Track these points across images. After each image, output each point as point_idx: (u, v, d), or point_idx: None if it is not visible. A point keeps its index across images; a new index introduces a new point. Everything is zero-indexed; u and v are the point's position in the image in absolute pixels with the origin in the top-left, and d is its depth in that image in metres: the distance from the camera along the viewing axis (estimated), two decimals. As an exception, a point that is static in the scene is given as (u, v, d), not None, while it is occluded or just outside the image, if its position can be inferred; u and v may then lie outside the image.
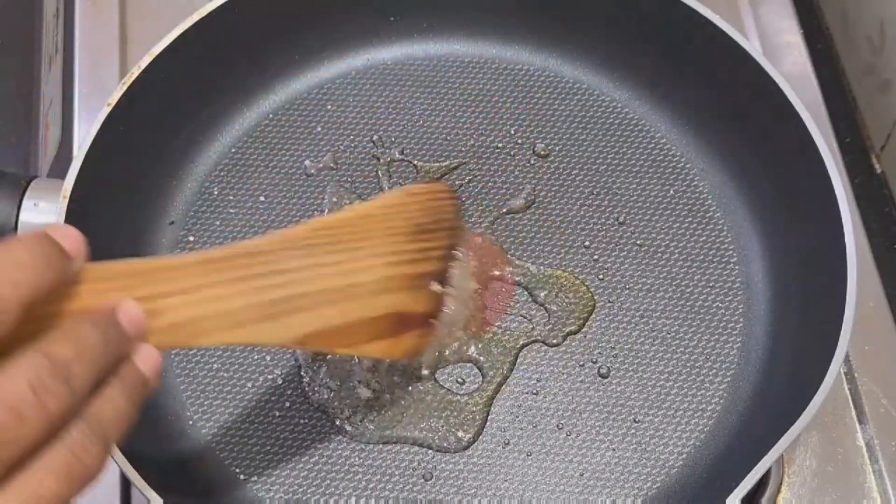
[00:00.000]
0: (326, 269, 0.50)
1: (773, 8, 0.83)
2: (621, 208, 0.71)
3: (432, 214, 0.57)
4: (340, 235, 0.52)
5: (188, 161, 0.72)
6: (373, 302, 0.51)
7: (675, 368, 0.66)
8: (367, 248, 0.52)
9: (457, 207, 0.61)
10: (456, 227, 0.60)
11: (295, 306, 0.48)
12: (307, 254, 0.49)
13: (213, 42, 0.70)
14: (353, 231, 0.52)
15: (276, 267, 0.48)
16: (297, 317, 0.48)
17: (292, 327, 0.48)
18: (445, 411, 0.64)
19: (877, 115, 0.85)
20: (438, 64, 0.77)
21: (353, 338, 0.51)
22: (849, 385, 0.69)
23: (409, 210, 0.55)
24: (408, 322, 0.55)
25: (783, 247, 0.68)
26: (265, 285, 0.47)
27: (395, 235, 0.53)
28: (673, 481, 0.63)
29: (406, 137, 0.74)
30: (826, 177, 0.63)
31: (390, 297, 0.52)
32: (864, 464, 0.66)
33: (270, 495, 0.62)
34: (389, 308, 0.52)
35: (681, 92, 0.73)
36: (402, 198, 0.56)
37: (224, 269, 0.45)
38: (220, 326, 0.45)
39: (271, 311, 0.47)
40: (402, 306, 0.53)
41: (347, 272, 0.50)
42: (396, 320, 0.54)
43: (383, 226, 0.53)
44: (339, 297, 0.50)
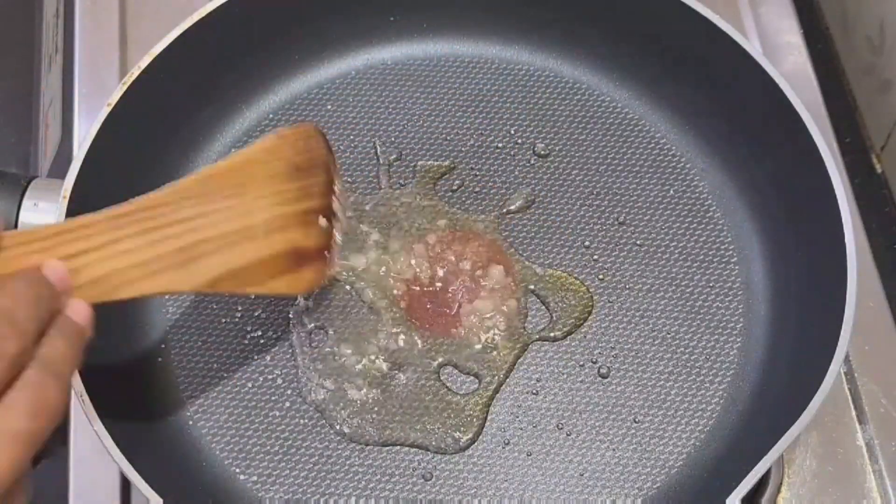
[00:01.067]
0: (221, 215, 0.53)
1: (773, 8, 0.83)
2: (621, 208, 0.71)
3: (305, 153, 0.60)
4: (227, 181, 0.55)
5: (188, 161, 0.72)
6: (268, 241, 0.55)
7: (675, 368, 0.66)
8: (253, 192, 0.55)
9: (327, 144, 0.63)
10: (329, 162, 0.63)
11: (199, 252, 0.52)
12: (201, 202, 0.53)
13: (213, 42, 0.70)
14: (238, 176, 0.56)
15: (176, 217, 0.51)
16: (203, 262, 0.52)
17: (201, 272, 0.51)
18: (444, 413, 0.64)
19: (877, 115, 0.85)
20: (438, 64, 0.77)
21: (257, 276, 0.55)
22: (849, 385, 0.69)
23: (283, 151, 0.58)
24: (304, 256, 0.58)
25: (783, 247, 0.68)
26: (169, 235, 0.51)
27: (276, 176, 0.56)
28: (673, 481, 0.63)
29: (406, 137, 0.74)
30: (826, 177, 0.63)
31: (283, 235, 0.56)
32: (864, 464, 0.66)
33: (270, 495, 0.62)
34: (285, 244, 0.56)
35: (681, 92, 0.73)
36: (274, 141, 0.59)
37: (130, 223, 0.50)
38: (136, 277, 0.49)
39: (179, 259, 0.51)
40: (295, 242, 0.57)
41: (240, 215, 0.54)
42: (293, 256, 0.57)
43: (264, 169, 0.56)
44: (237, 238, 0.54)
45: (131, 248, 0.49)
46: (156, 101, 0.68)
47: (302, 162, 0.59)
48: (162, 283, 0.50)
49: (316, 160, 0.60)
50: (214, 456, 0.63)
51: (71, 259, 0.47)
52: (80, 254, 0.47)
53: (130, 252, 0.49)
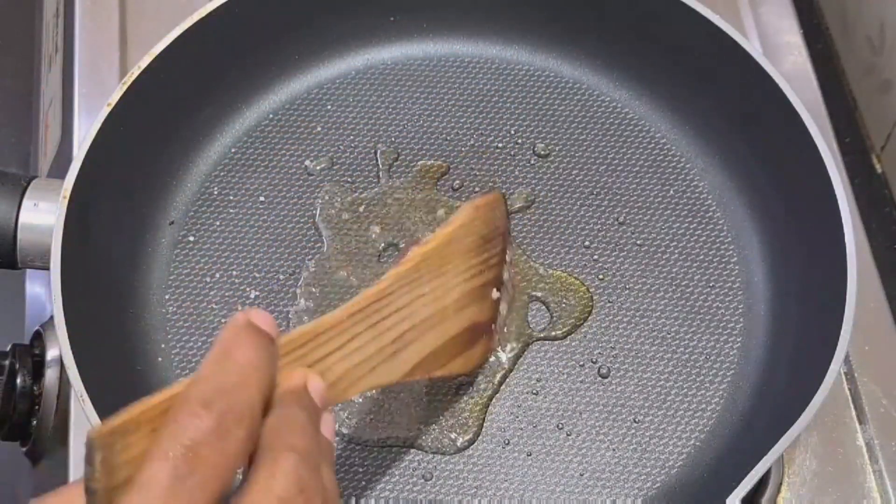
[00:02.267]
0: (426, 298, 0.51)
1: (773, 8, 0.83)
2: (621, 208, 0.71)
3: (492, 223, 0.58)
4: (433, 262, 0.53)
5: (188, 161, 0.72)
6: (456, 319, 0.53)
7: (675, 368, 0.66)
8: (451, 270, 0.53)
9: (506, 210, 0.62)
10: (506, 232, 0.62)
11: (406, 340, 0.50)
12: (413, 287, 0.51)
13: (213, 42, 0.70)
14: (442, 256, 0.54)
15: (395, 306, 0.49)
16: (407, 350, 0.50)
17: (405, 361, 0.50)
18: (443, 414, 0.64)
19: (877, 115, 0.85)
20: (438, 64, 0.77)
21: (443, 358, 0.53)
22: (849, 385, 0.69)
23: (476, 225, 0.57)
24: (477, 332, 0.56)
25: (783, 247, 0.68)
26: (389, 326, 0.49)
27: (469, 251, 0.55)
28: (673, 481, 0.63)
29: (406, 137, 0.74)
30: (826, 177, 0.63)
31: (467, 311, 0.54)
32: (864, 464, 0.66)
33: (270, 495, 0.62)
34: (466, 322, 0.54)
35: (681, 92, 0.73)
36: (471, 214, 0.57)
37: (364, 318, 0.47)
38: (360, 375, 0.47)
39: (391, 350, 0.49)
40: (473, 318, 0.55)
41: (438, 297, 0.52)
42: (470, 332, 0.55)
43: (460, 245, 0.55)
44: (435, 321, 0.52)
45: (361, 346, 0.47)
46: (156, 101, 0.68)
47: (489, 233, 0.57)
48: (376, 378, 0.48)
49: (498, 229, 0.59)
50: (214, 456, 0.63)
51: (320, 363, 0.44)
52: (326, 356, 0.45)
53: (360, 349, 0.47)
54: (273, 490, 0.39)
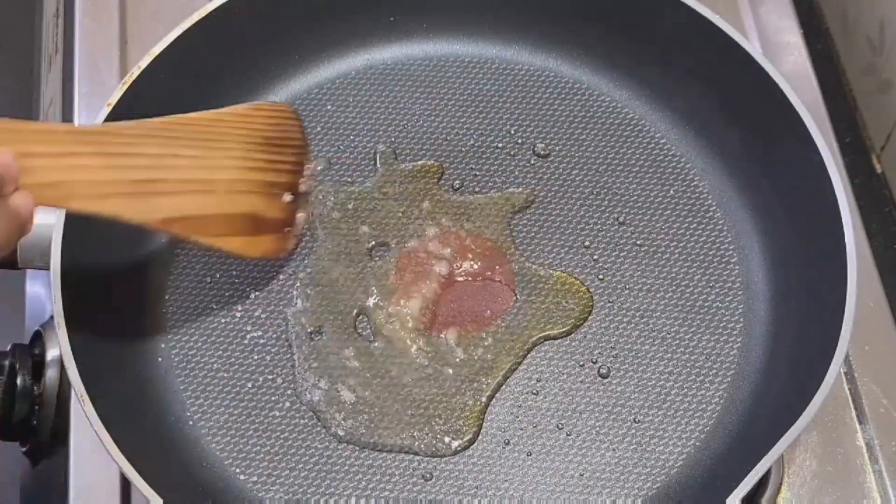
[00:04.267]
0: (185, 161, 0.55)
1: (773, 8, 0.83)
2: (621, 208, 0.71)
3: (279, 131, 0.62)
4: (196, 133, 0.57)
5: (188, 161, 0.72)
6: (229, 199, 0.57)
7: (675, 368, 0.66)
8: (221, 150, 0.57)
9: (302, 129, 0.65)
10: (302, 145, 0.65)
11: (156, 189, 0.53)
12: (166, 143, 0.55)
13: (213, 42, 0.70)
14: (208, 132, 0.58)
15: (138, 150, 0.53)
16: (158, 199, 0.53)
17: (153, 209, 0.53)
18: (440, 416, 0.64)
19: (877, 115, 0.85)
20: (438, 64, 0.77)
21: (211, 229, 0.57)
22: (849, 385, 0.69)
23: (257, 122, 0.60)
24: (264, 225, 0.60)
25: (783, 247, 0.68)
26: (128, 165, 0.52)
27: (246, 143, 0.59)
28: (673, 481, 0.63)
29: (406, 137, 0.74)
30: (826, 177, 0.64)
31: (246, 199, 0.58)
32: (864, 464, 0.66)
33: (270, 495, 0.62)
34: (245, 208, 0.58)
35: (681, 92, 0.73)
36: (250, 110, 0.61)
37: (91, 143, 0.51)
38: (86, 194, 0.50)
39: (134, 190, 0.52)
40: (257, 209, 0.59)
41: (204, 167, 0.56)
42: (252, 221, 0.59)
43: (235, 132, 0.59)
44: (198, 188, 0.55)
45: (88, 165, 0.50)
46: (156, 102, 0.67)
47: (275, 137, 0.61)
48: (112, 206, 0.52)
49: (289, 139, 0.63)
50: (214, 456, 0.63)
51: (25, 158, 0.47)
52: (36, 156, 0.48)
53: (87, 168, 0.50)
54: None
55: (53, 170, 0.49)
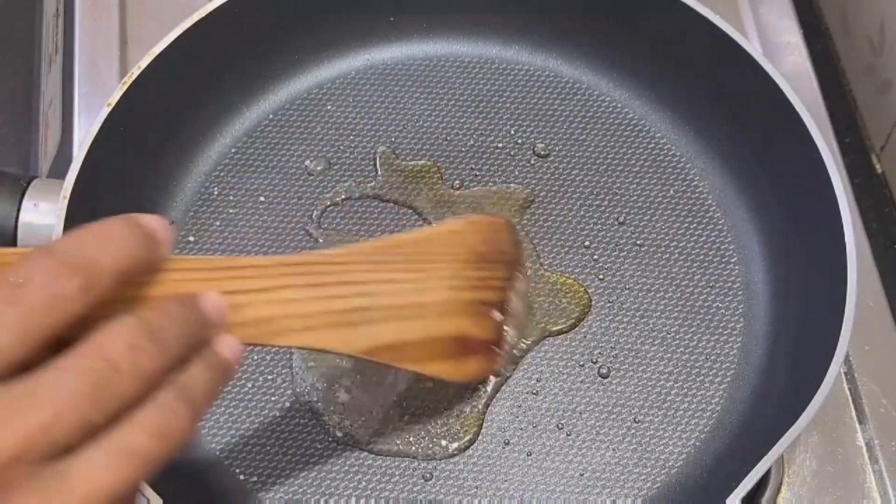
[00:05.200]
0: (394, 286, 0.52)
1: (773, 8, 0.83)
2: (621, 208, 0.71)
3: (491, 245, 0.58)
4: (405, 255, 0.54)
5: (188, 161, 0.72)
6: (438, 322, 0.53)
7: (675, 368, 0.66)
8: (431, 271, 0.54)
9: (516, 240, 0.62)
10: (514, 259, 0.62)
11: (364, 317, 0.50)
12: (375, 269, 0.51)
13: (213, 42, 0.70)
14: (418, 253, 0.54)
15: (346, 278, 0.50)
16: (366, 328, 0.50)
17: (361, 337, 0.50)
18: (436, 422, 0.64)
19: (877, 115, 0.85)
20: (438, 64, 0.77)
21: (418, 355, 0.53)
22: (849, 385, 0.69)
23: (469, 238, 0.57)
24: (470, 347, 0.56)
25: (783, 247, 0.68)
26: (336, 294, 0.49)
27: (457, 261, 0.55)
28: (673, 481, 0.63)
29: (406, 137, 0.74)
30: (826, 177, 0.63)
31: (454, 320, 0.54)
32: (864, 464, 0.66)
33: (270, 495, 0.62)
34: (453, 330, 0.54)
35: (681, 92, 0.73)
36: (463, 226, 0.58)
37: (299, 274, 0.48)
38: (295, 328, 0.47)
39: (342, 320, 0.49)
40: (465, 330, 0.55)
41: (414, 291, 0.53)
42: (459, 343, 0.55)
43: (446, 250, 0.55)
44: (406, 313, 0.52)
45: (296, 298, 0.47)
46: (156, 101, 0.68)
47: (487, 252, 0.57)
48: (319, 339, 0.48)
49: (502, 253, 0.59)
50: (214, 456, 0.63)
51: (233, 295, 0.45)
52: (244, 292, 0.45)
53: (294, 302, 0.47)
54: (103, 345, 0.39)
55: (261, 305, 0.46)
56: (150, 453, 0.39)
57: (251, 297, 0.46)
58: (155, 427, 0.39)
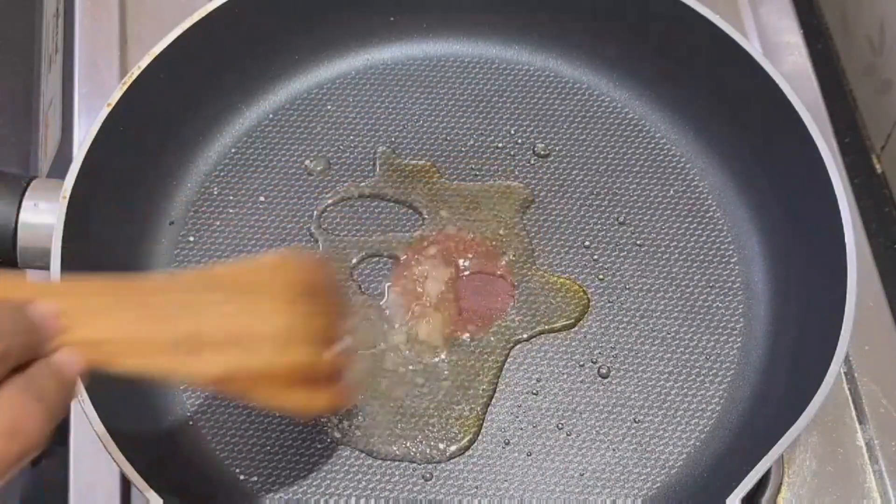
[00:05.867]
0: (228, 315, 0.52)
1: (773, 8, 0.83)
2: (621, 208, 0.71)
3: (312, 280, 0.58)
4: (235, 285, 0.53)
5: (188, 161, 0.72)
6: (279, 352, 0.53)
7: (675, 368, 0.66)
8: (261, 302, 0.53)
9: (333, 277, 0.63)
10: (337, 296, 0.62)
11: (202, 344, 0.50)
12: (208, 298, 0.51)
13: (213, 42, 0.70)
14: (246, 284, 0.54)
15: (183, 304, 0.50)
16: (204, 355, 0.50)
17: (200, 364, 0.50)
18: (433, 426, 0.64)
19: (877, 115, 0.85)
20: (438, 64, 0.77)
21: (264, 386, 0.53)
22: (849, 385, 0.69)
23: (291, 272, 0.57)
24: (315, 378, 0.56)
25: (783, 247, 0.68)
26: (175, 319, 0.49)
27: (284, 294, 0.55)
28: (673, 481, 0.63)
29: (406, 137, 0.74)
30: (826, 177, 0.63)
31: (290, 352, 0.54)
32: (864, 464, 0.66)
33: (270, 495, 0.62)
34: (292, 362, 0.54)
35: (681, 92, 0.74)
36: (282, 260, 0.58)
37: (131, 296, 0.48)
38: (132, 352, 0.47)
39: (181, 346, 0.49)
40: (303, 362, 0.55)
41: (249, 321, 0.52)
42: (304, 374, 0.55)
43: (273, 283, 0.55)
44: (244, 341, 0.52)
45: (134, 321, 0.48)
46: (156, 101, 0.68)
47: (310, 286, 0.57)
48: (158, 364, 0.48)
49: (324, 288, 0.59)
50: (214, 456, 0.63)
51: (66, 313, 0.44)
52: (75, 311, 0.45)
53: (132, 324, 0.47)
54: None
55: (95, 326, 0.46)
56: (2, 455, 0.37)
57: (83, 317, 0.45)
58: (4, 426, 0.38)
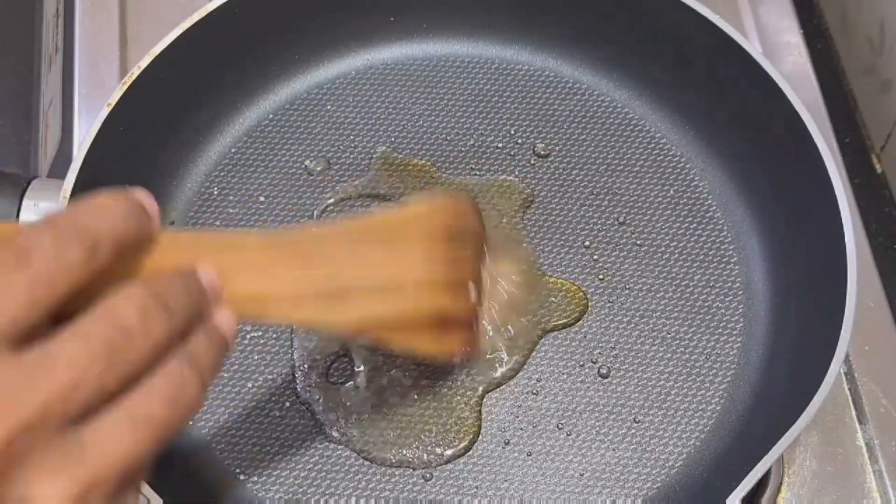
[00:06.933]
0: (373, 263, 0.53)
1: (773, 8, 0.83)
2: (621, 208, 0.71)
3: (462, 222, 0.59)
4: (382, 234, 0.55)
5: (188, 161, 0.72)
6: (417, 298, 0.54)
7: (675, 368, 0.66)
8: (406, 249, 0.55)
9: (481, 220, 0.63)
10: (481, 238, 0.62)
11: (349, 292, 0.51)
12: (354, 247, 0.53)
13: (213, 42, 0.70)
14: (392, 231, 0.55)
15: (328, 254, 0.51)
16: (351, 302, 0.51)
17: (348, 311, 0.51)
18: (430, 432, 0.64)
19: (877, 115, 0.85)
20: (438, 64, 0.77)
21: (403, 330, 0.54)
22: (849, 385, 0.69)
23: (440, 217, 0.58)
24: (450, 323, 0.57)
25: (783, 247, 0.68)
26: (321, 270, 0.50)
27: (430, 239, 0.56)
28: (673, 481, 0.63)
29: (406, 137, 0.74)
30: (826, 177, 0.63)
31: (431, 297, 0.55)
32: (864, 464, 0.66)
33: (270, 495, 0.62)
34: (433, 306, 0.55)
35: (681, 92, 0.74)
36: (432, 204, 0.58)
37: (282, 249, 0.49)
38: (282, 303, 0.48)
39: (329, 294, 0.50)
40: (443, 306, 0.56)
41: (391, 268, 0.54)
42: (440, 320, 0.56)
43: (419, 229, 0.56)
44: (389, 288, 0.53)
45: (282, 274, 0.48)
46: (156, 101, 0.68)
47: (457, 231, 0.58)
48: (307, 312, 0.50)
49: (471, 232, 0.60)
50: (214, 456, 0.63)
51: (224, 271, 0.45)
52: (232, 268, 0.46)
53: (282, 278, 0.48)
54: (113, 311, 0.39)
55: (250, 281, 0.47)
56: (164, 421, 0.39)
57: (240, 273, 0.46)
58: (167, 394, 0.39)
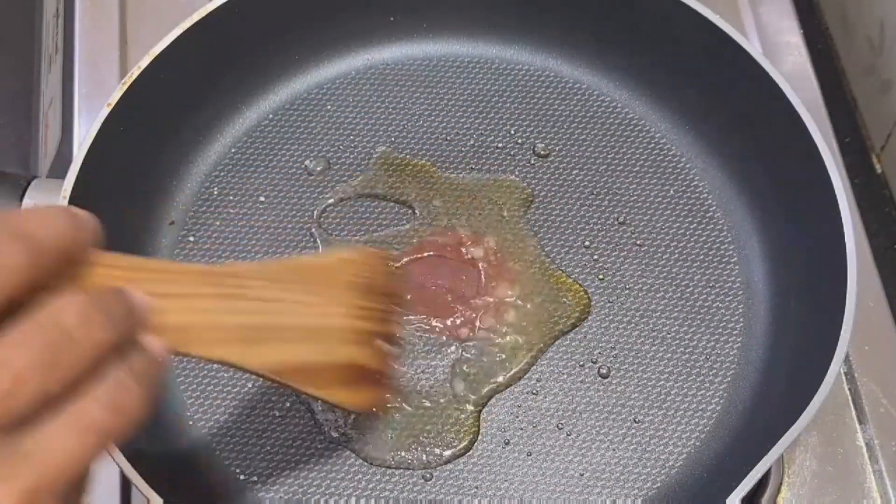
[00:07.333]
0: (300, 308, 0.53)
1: (773, 8, 0.83)
2: (621, 208, 0.71)
3: (375, 278, 0.59)
4: (312, 279, 0.54)
5: (188, 161, 0.72)
6: (337, 348, 0.54)
7: (675, 368, 0.66)
8: (331, 297, 0.55)
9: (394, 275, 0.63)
10: (395, 293, 0.62)
11: (272, 335, 0.50)
12: (283, 289, 0.52)
13: (213, 42, 0.70)
14: (322, 277, 0.55)
15: (258, 294, 0.50)
16: (273, 346, 0.50)
17: (268, 355, 0.50)
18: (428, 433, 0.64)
19: (877, 115, 0.85)
20: (438, 64, 0.77)
21: (318, 379, 0.54)
22: (849, 385, 0.69)
23: (361, 268, 0.58)
24: (363, 375, 0.57)
25: (783, 247, 0.68)
26: (248, 310, 0.49)
27: (353, 289, 0.56)
28: (673, 481, 0.63)
29: (406, 137, 0.74)
30: (826, 177, 0.63)
31: (350, 348, 0.55)
32: (864, 464, 0.66)
33: (270, 495, 0.62)
34: (350, 358, 0.55)
35: (681, 92, 0.74)
36: (354, 255, 0.59)
37: (214, 284, 0.48)
38: (208, 339, 0.47)
39: (252, 335, 0.49)
40: (357, 358, 0.56)
41: (317, 315, 0.54)
42: (354, 371, 0.56)
43: (343, 278, 0.56)
44: (310, 335, 0.53)
45: (211, 309, 0.47)
46: (156, 101, 0.68)
47: (375, 285, 0.58)
48: (231, 352, 0.48)
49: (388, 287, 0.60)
50: (214, 456, 0.63)
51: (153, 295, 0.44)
52: (163, 296, 0.45)
53: (210, 312, 0.47)
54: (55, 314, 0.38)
55: (179, 312, 0.45)
56: (107, 428, 0.38)
57: (170, 303, 0.45)
58: (110, 401, 0.38)
